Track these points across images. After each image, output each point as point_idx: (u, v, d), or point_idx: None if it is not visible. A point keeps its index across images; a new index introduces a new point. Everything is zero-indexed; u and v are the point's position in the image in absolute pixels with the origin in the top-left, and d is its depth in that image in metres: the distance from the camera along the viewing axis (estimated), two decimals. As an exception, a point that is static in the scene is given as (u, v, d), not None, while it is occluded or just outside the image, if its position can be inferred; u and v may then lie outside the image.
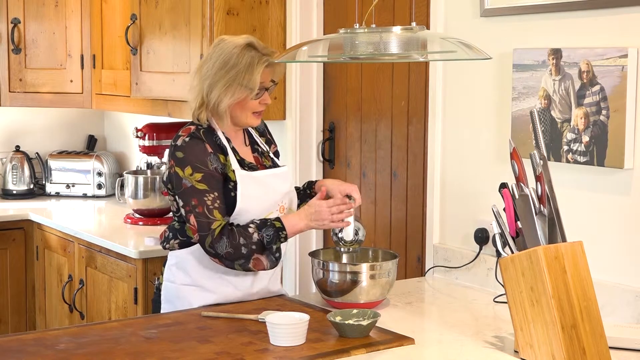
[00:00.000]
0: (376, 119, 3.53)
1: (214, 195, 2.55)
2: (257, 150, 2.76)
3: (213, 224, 2.53)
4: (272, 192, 2.67)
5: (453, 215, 3.09)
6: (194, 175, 2.55)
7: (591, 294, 2.11)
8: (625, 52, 2.45)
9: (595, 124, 2.53)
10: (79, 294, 3.99)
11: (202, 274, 2.64)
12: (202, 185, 2.55)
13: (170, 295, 2.71)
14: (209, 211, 2.54)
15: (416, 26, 2.21)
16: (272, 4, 3.78)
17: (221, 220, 2.54)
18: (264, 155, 2.76)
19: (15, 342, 2.30)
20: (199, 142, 2.58)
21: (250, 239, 2.54)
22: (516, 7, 2.79)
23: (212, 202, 2.55)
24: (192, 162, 2.56)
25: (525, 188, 2.21)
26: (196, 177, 2.55)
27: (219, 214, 2.55)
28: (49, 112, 5.04)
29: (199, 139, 2.58)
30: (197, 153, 2.56)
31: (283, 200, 2.70)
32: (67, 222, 4.16)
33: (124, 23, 4.19)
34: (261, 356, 2.18)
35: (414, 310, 2.67)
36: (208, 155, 2.57)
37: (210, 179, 2.56)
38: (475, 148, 2.98)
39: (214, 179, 2.57)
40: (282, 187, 2.71)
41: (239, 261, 2.56)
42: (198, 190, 2.55)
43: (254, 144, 2.77)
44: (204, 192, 2.55)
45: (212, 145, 2.60)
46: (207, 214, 2.54)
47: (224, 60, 2.59)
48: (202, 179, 2.55)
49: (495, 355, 2.22)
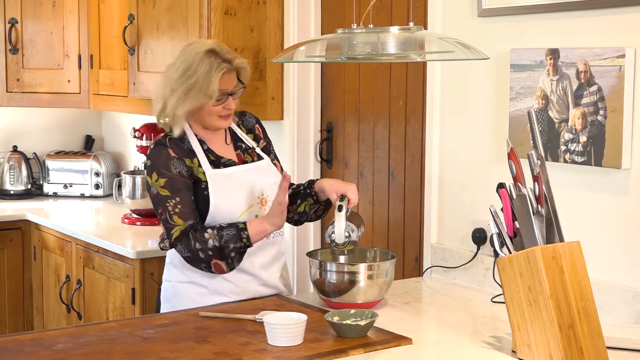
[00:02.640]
0: (374, 119, 3.53)
1: (175, 201, 2.60)
2: (240, 147, 2.77)
3: (173, 229, 2.60)
4: (247, 187, 2.68)
5: (451, 215, 3.10)
6: (158, 181, 2.62)
7: (589, 294, 2.11)
8: (623, 52, 2.45)
9: (593, 124, 2.53)
10: (76, 294, 3.99)
11: (195, 270, 2.66)
12: (164, 191, 2.61)
13: (168, 294, 2.74)
14: (170, 217, 2.60)
15: (414, 26, 2.21)
16: (269, 4, 3.78)
17: (182, 225, 2.59)
18: (247, 152, 2.77)
19: (12, 343, 2.30)
20: (162, 148, 2.64)
21: (205, 244, 2.57)
22: (514, 7, 2.79)
23: (172, 208, 2.60)
24: (157, 168, 2.62)
25: (522, 188, 2.21)
26: (160, 182, 2.61)
27: (179, 219, 2.60)
28: (46, 112, 5.04)
29: (163, 144, 2.65)
30: (161, 159, 2.63)
31: (263, 193, 2.70)
32: (64, 222, 4.15)
33: (122, 23, 4.19)
34: (259, 356, 2.18)
35: (411, 310, 2.67)
36: (171, 159, 2.62)
37: (174, 183, 2.61)
38: (472, 148, 2.98)
39: (177, 182, 2.61)
40: (262, 179, 2.72)
41: (200, 264, 2.61)
42: (162, 197, 2.61)
43: (237, 141, 2.78)
44: (167, 198, 2.61)
45: (178, 149, 2.64)
46: (168, 219, 2.61)
47: (185, 67, 2.62)
48: (165, 184, 2.61)
49: (493, 355, 2.22)
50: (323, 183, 2.77)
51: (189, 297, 2.68)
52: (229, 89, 2.64)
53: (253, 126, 2.86)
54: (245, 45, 3.76)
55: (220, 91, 2.61)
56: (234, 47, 3.71)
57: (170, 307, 2.70)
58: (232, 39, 3.71)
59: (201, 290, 2.68)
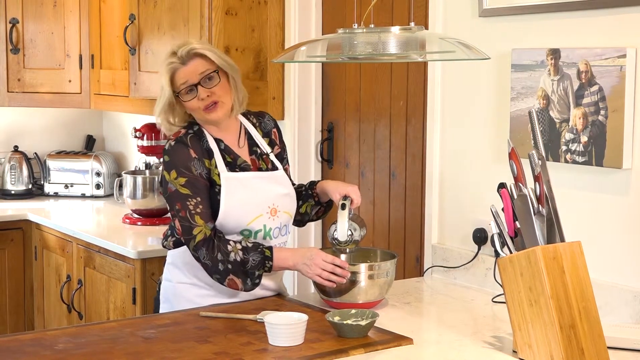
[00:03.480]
0: (375, 119, 3.53)
1: (196, 200, 2.57)
2: (255, 152, 2.74)
3: (194, 230, 2.56)
4: (260, 195, 2.65)
5: (451, 216, 3.09)
6: (178, 179, 2.58)
7: (589, 294, 2.11)
8: (624, 52, 2.45)
9: (594, 124, 2.53)
10: (77, 294, 3.99)
11: (197, 272, 2.64)
12: (185, 189, 2.57)
13: (168, 294, 2.72)
14: (191, 216, 2.56)
15: (415, 26, 2.21)
16: (270, 4, 3.78)
17: (203, 227, 2.56)
18: (261, 158, 2.74)
19: (13, 342, 2.30)
20: (183, 147, 2.60)
21: (227, 257, 2.54)
22: (515, 7, 2.79)
23: (194, 207, 2.56)
24: (176, 167, 2.59)
25: (523, 188, 2.21)
26: (180, 181, 2.58)
27: (201, 220, 2.56)
28: (47, 112, 5.04)
29: (184, 144, 2.61)
30: (182, 158, 2.59)
31: (274, 203, 2.67)
32: (65, 222, 4.16)
33: (123, 23, 4.19)
34: (260, 356, 2.18)
35: (412, 310, 2.67)
36: (192, 160, 2.59)
37: (194, 184, 2.58)
38: (473, 148, 2.98)
39: (198, 183, 2.58)
40: (274, 189, 2.69)
41: (215, 275, 2.58)
42: (182, 195, 2.57)
43: (252, 145, 2.75)
44: (187, 196, 2.57)
45: (198, 150, 2.61)
46: (189, 218, 2.56)
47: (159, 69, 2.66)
48: (185, 183, 2.57)
49: (493, 356, 2.22)
50: (325, 185, 2.77)
51: (189, 299, 2.66)
52: (192, 79, 2.59)
53: (270, 130, 2.81)
54: (246, 45, 3.76)
55: (182, 85, 2.59)
56: (235, 47, 3.71)
57: (169, 307, 2.69)
58: (233, 39, 3.72)
59: (202, 292, 2.67)
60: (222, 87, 2.62)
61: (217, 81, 2.61)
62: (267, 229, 2.65)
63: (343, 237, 2.61)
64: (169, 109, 2.65)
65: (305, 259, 2.55)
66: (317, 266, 2.52)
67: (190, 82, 2.59)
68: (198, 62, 2.60)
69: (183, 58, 2.60)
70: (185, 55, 2.60)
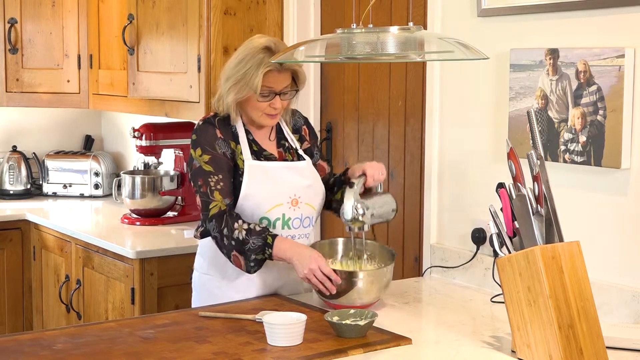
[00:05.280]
0: (373, 119, 3.53)
1: (217, 177, 2.63)
2: (283, 145, 2.78)
3: (211, 204, 2.62)
4: (282, 184, 2.69)
5: (450, 215, 3.10)
6: (202, 156, 2.65)
7: (588, 294, 2.11)
8: (622, 52, 2.45)
9: (593, 124, 2.53)
10: (76, 294, 3.99)
11: (216, 263, 2.70)
12: (208, 166, 2.64)
13: (196, 284, 2.82)
14: (211, 192, 2.63)
15: (413, 26, 2.21)
16: (269, 3, 3.78)
17: (219, 202, 2.61)
18: (289, 151, 2.78)
19: (12, 343, 2.29)
20: (209, 127, 2.68)
21: (232, 232, 2.58)
22: (513, 7, 2.79)
23: (215, 184, 2.63)
24: (202, 144, 2.66)
25: (522, 188, 2.21)
26: (204, 158, 2.65)
27: (219, 195, 2.62)
28: (46, 112, 5.04)
29: (212, 124, 2.69)
30: (207, 136, 2.67)
31: (296, 194, 2.71)
32: (64, 222, 4.15)
33: (121, 23, 4.18)
34: (259, 356, 2.18)
35: (411, 310, 2.67)
36: (217, 139, 2.66)
37: (217, 162, 2.64)
38: (472, 148, 2.98)
39: (221, 162, 2.65)
40: (297, 180, 2.72)
41: (223, 249, 2.63)
42: (204, 172, 2.64)
43: (281, 139, 2.79)
44: (210, 173, 2.64)
45: (225, 132, 2.68)
46: (208, 194, 2.63)
47: (240, 58, 2.65)
48: (209, 160, 2.64)
49: (492, 356, 2.22)
50: (352, 167, 2.80)
51: (209, 290, 2.73)
52: (277, 88, 2.65)
53: (300, 127, 2.86)
54: (245, 45, 3.75)
55: (266, 88, 2.62)
56: (233, 47, 3.70)
57: (196, 295, 2.80)
58: (232, 38, 3.71)
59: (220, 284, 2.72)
60: (289, 103, 2.73)
61: (290, 98, 2.71)
62: (285, 218, 2.69)
63: (348, 215, 2.61)
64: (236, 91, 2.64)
65: (302, 258, 2.55)
66: (311, 272, 2.53)
67: (273, 89, 2.64)
68: (289, 74, 2.67)
69: (279, 65, 2.62)
70: (287, 65, 2.63)
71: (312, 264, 2.52)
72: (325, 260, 2.56)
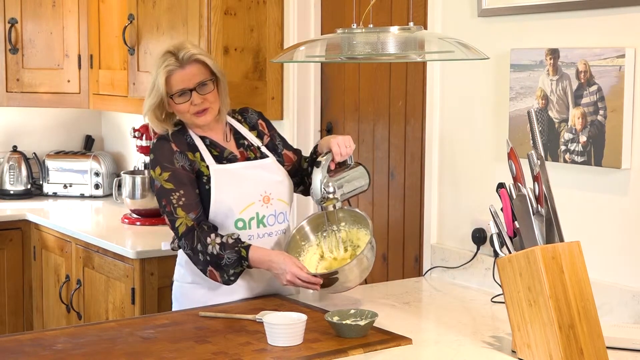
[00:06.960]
0: (374, 119, 3.53)
1: (179, 193, 2.61)
2: (242, 144, 2.76)
3: (176, 222, 2.61)
4: (250, 184, 2.67)
5: (451, 215, 3.10)
6: (162, 175, 2.62)
7: (588, 294, 2.11)
8: (623, 52, 2.45)
9: (593, 124, 2.53)
10: (76, 294, 3.99)
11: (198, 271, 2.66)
12: (169, 184, 2.62)
13: (177, 293, 2.78)
14: (174, 209, 2.61)
15: (414, 26, 2.21)
16: (269, 3, 3.78)
17: (184, 218, 2.59)
18: (250, 149, 2.75)
19: (12, 343, 2.30)
20: (164, 142, 2.66)
21: (205, 248, 2.57)
22: (514, 7, 2.79)
23: (177, 200, 2.61)
24: (160, 162, 2.64)
25: (522, 188, 2.21)
26: (164, 176, 2.62)
27: (182, 211, 2.60)
28: (46, 112, 5.04)
29: (166, 139, 2.66)
30: (164, 152, 2.64)
31: (266, 191, 2.69)
32: (64, 223, 4.15)
33: (122, 23, 4.18)
34: (259, 356, 2.18)
35: (411, 310, 2.67)
36: (174, 153, 2.64)
37: (177, 177, 2.62)
38: (472, 148, 2.98)
39: (181, 176, 2.62)
40: (265, 177, 2.71)
41: (198, 265, 2.62)
42: (166, 190, 2.62)
43: (239, 139, 2.77)
44: (171, 191, 2.61)
45: (180, 143, 2.66)
46: (172, 212, 2.61)
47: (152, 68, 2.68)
48: (169, 177, 2.62)
49: (492, 356, 2.22)
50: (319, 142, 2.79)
51: (192, 299, 2.69)
52: (189, 84, 2.62)
53: (256, 122, 2.84)
54: (245, 45, 3.76)
55: (178, 88, 2.61)
56: (233, 47, 3.71)
57: (178, 307, 2.74)
58: (232, 39, 3.72)
59: (203, 292, 2.69)
60: (214, 94, 2.66)
61: (211, 89, 2.65)
62: (259, 216, 2.67)
63: (317, 195, 2.60)
64: (158, 108, 2.66)
65: (278, 268, 2.54)
66: (290, 282, 2.53)
67: (186, 87, 2.62)
68: (196, 67, 2.64)
69: (182, 61, 2.62)
70: (185, 59, 2.62)
71: (287, 275, 2.52)
72: (298, 266, 2.52)
